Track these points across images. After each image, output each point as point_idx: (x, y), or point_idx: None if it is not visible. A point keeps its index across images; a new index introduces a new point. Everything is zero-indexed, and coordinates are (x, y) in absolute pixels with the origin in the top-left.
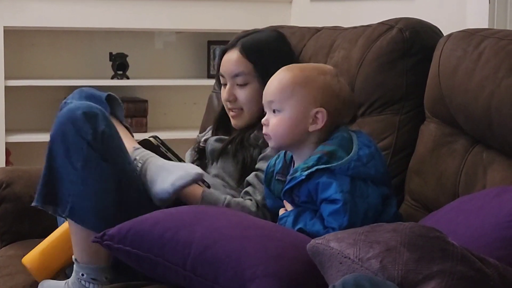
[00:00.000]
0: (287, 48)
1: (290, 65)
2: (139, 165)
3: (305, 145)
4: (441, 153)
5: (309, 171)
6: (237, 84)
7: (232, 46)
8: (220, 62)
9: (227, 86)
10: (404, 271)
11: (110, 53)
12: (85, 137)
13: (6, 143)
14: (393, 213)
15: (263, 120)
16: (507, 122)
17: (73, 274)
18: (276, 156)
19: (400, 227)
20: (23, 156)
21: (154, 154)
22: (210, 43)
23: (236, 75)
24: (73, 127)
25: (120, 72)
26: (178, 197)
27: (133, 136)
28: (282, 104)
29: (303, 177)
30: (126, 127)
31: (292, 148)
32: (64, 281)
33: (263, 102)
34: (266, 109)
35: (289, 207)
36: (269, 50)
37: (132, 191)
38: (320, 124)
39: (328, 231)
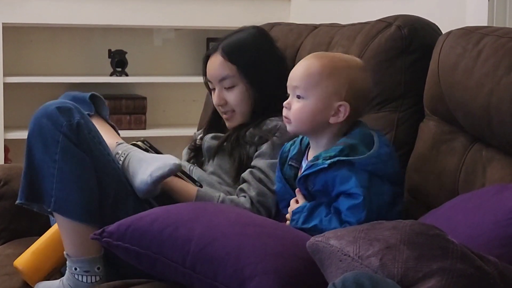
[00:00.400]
0: (268, 45)
1: (320, 52)
2: (122, 159)
3: (323, 135)
4: (441, 151)
5: (331, 160)
6: (225, 88)
7: (214, 50)
8: (205, 68)
9: (216, 91)
10: (404, 269)
11: (109, 50)
12: (60, 129)
13: (5, 140)
14: (397, 211)
15: (285, 103)
16: (506, 120)
17: (67, 270)
18: (292, 142)
19: (400, 225)
20: (21, 153)
21: (135, 148)
22: (209, 40)
23: (222, 79)
24: (48, 121)
25: (119, 69)
26: (171, 196)
27: (119, 135)
28: (307, 91)
29: (325, 165)
30: (112, 125)
31: (309, 135)
32: (59, 279)
33: (288, 84)
34: (289, 92)
35: (300, 198)
36: (250, 49)
37: (113, 182)
38: (341, 118)
39: (345, 226)
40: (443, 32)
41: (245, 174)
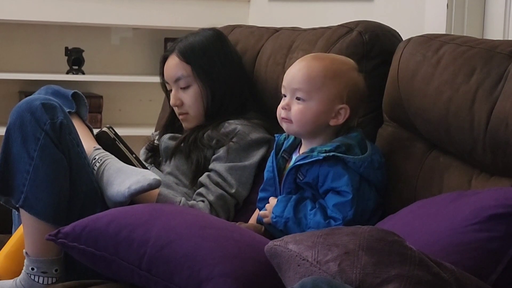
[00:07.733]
0: (224, 47)
1: (319, 54)
2: (97, 165)
3: (320, 136)
4: (399, 157)
5: (326, 154)
6: (181, 88)
7: (171, 52)
8: (163, 70)
9: (173, 91)
10: (362, 275)
11: (66, 48)
12: (43, 126)
13: None
14: (375, 222)
15: (283, 105)
16: (464, 127)
17: (23, 269)
18: (286, 134)
19: (359, 231)
20: None
21: (113, 156)
22: (167, 40)
23: (178, 79)
24: (31, 116)
25: (76, 67)
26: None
27: (93, 135)
28: (309, 94)
29: (320, 158)
30: (88, 127)
31: (308, 136)
32: (13, 279)
33: (285, 84)
34: (286, 93)
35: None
36: (205, 50)
37: (84, 186)
38: (341, 120)
39: (330, 222)
40: (403, 37)
41: (203, 178)
